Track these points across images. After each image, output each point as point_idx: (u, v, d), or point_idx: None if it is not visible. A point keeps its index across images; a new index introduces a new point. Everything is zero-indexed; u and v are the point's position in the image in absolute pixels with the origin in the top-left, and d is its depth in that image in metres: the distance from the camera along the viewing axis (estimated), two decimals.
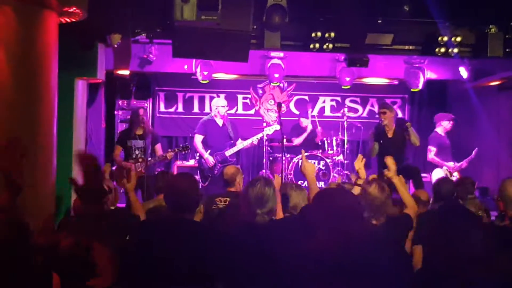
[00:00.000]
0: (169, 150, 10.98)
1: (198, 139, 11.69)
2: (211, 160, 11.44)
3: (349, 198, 3.88)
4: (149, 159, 10.53)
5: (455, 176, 11.71)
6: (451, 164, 11.93)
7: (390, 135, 10.77)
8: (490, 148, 12.55)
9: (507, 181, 6.16)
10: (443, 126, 12.15)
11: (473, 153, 11.80)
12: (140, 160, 10.43)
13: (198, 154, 11.94)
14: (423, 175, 11.93)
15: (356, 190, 6.16)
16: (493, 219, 7.47)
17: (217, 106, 11.76)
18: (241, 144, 11.77)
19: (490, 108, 12.60)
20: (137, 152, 10.51)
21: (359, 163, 6.57)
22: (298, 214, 5.55)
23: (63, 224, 6.64)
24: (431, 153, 12.07)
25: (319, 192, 4.24)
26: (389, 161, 6.42)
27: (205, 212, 7.68)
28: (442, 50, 10.02)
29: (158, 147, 10.80)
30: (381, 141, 10.68)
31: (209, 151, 11.48)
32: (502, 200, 5.91)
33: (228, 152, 11.56)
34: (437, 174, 11.91)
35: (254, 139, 11.97)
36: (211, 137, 11.67)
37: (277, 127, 12.17)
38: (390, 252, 4.97)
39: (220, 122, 11.70)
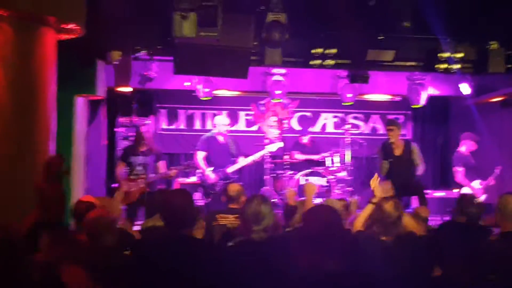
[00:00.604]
0: (172, 167, 10.90)
1: (200, 155, 11.58)
2: (212, 176, 11.33)
3: (332, 216, 3.87)
4: (150, 175, 10.46)
5: (483, 197, 11.62)
6: (476, 183, 11.79)
7: (397, 153, 10.68)
8: (493, 164, 12.46)
9: (507, 196, 6.13)
10: (466, 146, 11.94)
11: (498, 170, 11.66)
12: (142, 176, 10.37)
13: (199, 170, 11.91)
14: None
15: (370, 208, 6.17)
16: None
17: (220, 124, 11.67)
18: (243, 161, 11.67)
19: (492, 124, 12.54)
20: (138, 168, 10.45)
21: (374, 182, 6.58)
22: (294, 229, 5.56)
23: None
24: (459, 174, 11.83)
25: (308, 209, 4.26)
26: (376, 186, 6.47)
27: (206, 229, 7.67)
28: (444, 66, 9.99)
29: (161, 164, 10.74)
30: (390, 160, 10.60)
31: (212, 168, 11.43)
32: (501, 215, 5.88)
33: (230, 169, 11.45)
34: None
35: (257, 156, 11.90)
36: (213, 154, 11.57)
37: (280, 144, 12.15)
38: (399, 267, 5.00)
39: (221, 139, 11.61)
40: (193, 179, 12.96)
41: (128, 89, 11.29)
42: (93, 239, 5.28)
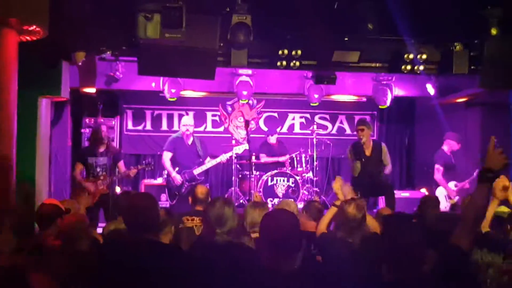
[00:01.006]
0: (132, 167, 10.82)
1: (167, 156, 11.58)
2: (178, 178, 11.34)
3: (291, 221, 3.87)
4: (113, 176, 10.38)
5: (455, 199, 11.74)
6: (452, 184, 11.95)
7: (367, 153, 10.76)
8: (459, 164, 12.55)
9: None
10: (449, 146, 12.11)
11: (475, 173, 11.75)
12: (101, 177, 10.27)
13: (166, 172, 11.85)
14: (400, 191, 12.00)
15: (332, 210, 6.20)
16: None
17: (186, 124, 11.64)
18: (209, 163, 11.66)
19: (458, 124, 12.65)
20: (98, 169, 10.33)
21: (337, 185, 6.60)
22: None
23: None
24: (439, 173, 12.02)
25: (265, 214, 4.26)
26: (340, 191, 6.50)
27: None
28: (408, 67, 10.02)
29: (121, 164, 10.63)
30: (362, 160, 10.67)
31: (177, 169, 11.38)
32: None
33: (197, 171, 11.45)
34: (438, 193, 11.94)
35: (223, 158, 11.88)
36: (179, 155, 11.56)
37: (246, 146, 12.13)
38: (364, 269, 5.01)
39: (189, 140, 11.58)
40: (159, 180, 12.92)
41: (93, 89, 11.21)
42: (69, 244, 5.24)
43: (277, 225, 3.79)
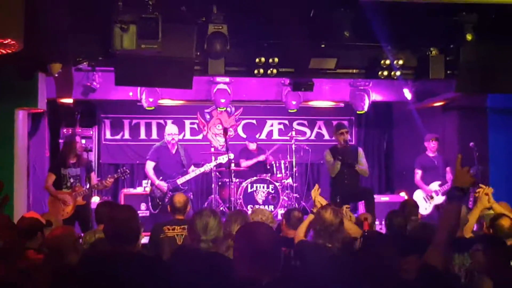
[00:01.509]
0: (109, 176, 10.76)
1: (150, 165, 11.51)
2: (163, 185, 11.29)
3: (268, 234, 3.87)
4: (87, 187, 10.31)
5: (437, 199, 11.83)
6: (434, 185, 11.99)
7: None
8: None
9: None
10: (428, 147, 12.21)
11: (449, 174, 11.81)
12: (76, 188, 10.20)
13: (149, 181, 11.80)
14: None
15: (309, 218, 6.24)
16: None
17: (171, 133, 11.56)
18: (193, 173, 11.59)
19: (435, 128, 12.72)
20: (72, 180, 10.26)
21: (315, 192, 6.64)
22: None
23: None
24: (417, 176, 12.19)
25: (241, 227, 4.28)
26: (319, 198, 6.54)
27: (153, 241, 7.64)
28: (385, 73, 10.05)
29: (93, 175, 10.58)
30: (341, 159, 10.71)
31: (160, 177, 11.34)
32: None
33: (180, 180, 11.39)
34: (416, 196, 12.10)
35: (207, 168, 11.84)
36: (163, 164, 11.51)
37: (231, 155, 12.14)
38: (346, 274, 5.05)
39: (173, 149, 11.54)
40: (139, 189, 12.84)
41: (70, 100, 11.15)
42: (56, 257, 5.21)
43: (253, 241, 3.78)
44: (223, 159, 12.18)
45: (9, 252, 5.38)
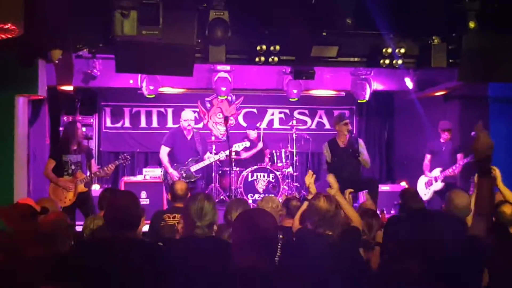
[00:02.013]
0: (111, 164, 10.69)
1: (164, 151, 11.35)
2: (175, 174, 11.11)
3: (268, 221, 3.85)
4: (89, 175, 10.25)
5: (436, 185, 11.81)
6: (436, 171, 11.96)
7: (343, 145, 10.77)
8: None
9: (453, 192, 6.25)
10: (441, 135, 12.12)
11: (461, 161, 11.71)
12: (78, 175, 10.14)
13: (162, 169, 11.74)
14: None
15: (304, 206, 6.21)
16: None
17: (187, 119, 11.40)
18: (207, 160, 11.48)
19: (436, 117, 12.65)
20: (73, 167, 10.20)
21: (309, 179, 6.60)
22: None
23: None
24: (426, 159, 12.19)
25: (240, 213, 4.26)
26: (331, 179, 6.46)
27: (153, 229, 7.61)
28: (387, 61, 10.00)
29: (93, 162, 10.51)
30: (338, 156, 10.66)
31: (174, 164, 11.22)
32: (447, 210, 6.01)
33: (194, 168, 11.25)
34: (420, 182, 12.17)
35: (222, 156, 11.73)
36: (178, 150, 11.36)
37: (247, 144, 12.12)
38: (346, 260, 5.04)
39: (189, 135, 11.40)
40: (139, 177, 12.81)
41: (70, 87, 11.11)
42: (48, 244, 5.19)
43: (252, 227, 3.76)
44: (238, 146, 12.23)
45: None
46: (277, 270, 3.76)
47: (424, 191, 11.82)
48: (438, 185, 11.74)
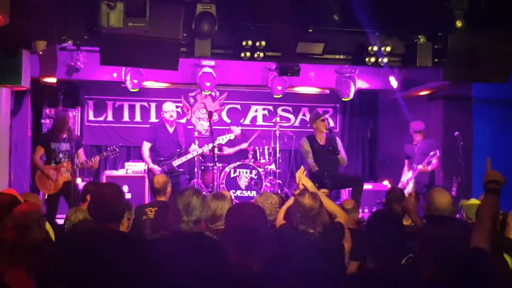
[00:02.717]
0: (97, 155, 10.67)
1: (146, 146, 11.34)
2: (156, 169, 11.06)
3: (256, 214, 3.84)
4: (76, 164, 10.21)
5: (408, 188, 11.77)
6: (408, 174, 12.05)
7: (322, 143, 10.80)
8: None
9: (434, 191, 6.29)
10: (413, 137, 12.16)
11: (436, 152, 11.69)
12: (65, 164, 10.11)
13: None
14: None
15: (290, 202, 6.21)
16: None
17: (168, 110, 11.38)
18: (189, 154, 11.43)
19: (420, 117, 12.70)
20: (61, 155, 10.17)
21: (300, 174, 6.61)
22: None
23: None
24: (405, 164, 12.26)
25: (230, 208, 4.26)
26: (303, 178, 6.51)
27: (134, 223, 7.57)
28: (372, 59, 10.03)
29: (81, 152, 10.48)
30: (317, 150, 10.68)
31: (160, 159, 11.19)
32: (428, 209, 6.04)
33: (176, 162, 11.21)
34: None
35: (206, 148, 11.71)
36: (159, 145, 11.33)
37: (232, 136, 12.11)
38: (328, 259, 5.05)
39: (170, 128, 11.35)
40: (121, 171, 12.77)
41: (54, 79, 11.05)
42: (21, 234, 5.17)
43: (244, 220, 3.75)
44: (222, 139, 12.19)
45: None
46: (269, 269, 3.75)
47: None
48: (410, 187, 11.75)
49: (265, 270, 3.68)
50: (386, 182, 13.28)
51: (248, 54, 9.81)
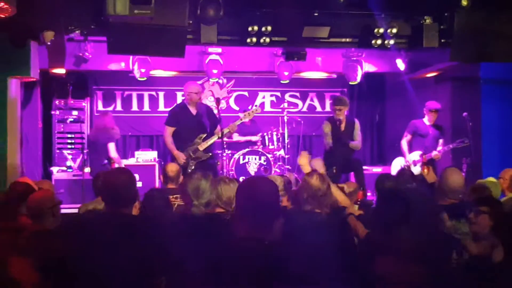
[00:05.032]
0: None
1: (168, 132, 10.45)
2: (182, 156, 10.24)
3: (268, 186, 3.85)
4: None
5: (414, 170, 11.43)
6: (415, 154, 11.70)
7: (342, 128, 10.75)
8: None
9: (448, 170, 6.29)
10: (427, 115, 11.68)
11: (451, 146, 11.50)
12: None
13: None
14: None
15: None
16: None
17: (189, 92, 10.61)
18: (215, 136, 10.46)
19: (428, 99, 12.68)
20: None
21: (303, 159, 6.63)
22: None
23: None
24: (403, 139, 11.86)
25: (241, 182, 4.27)
26: (318, 162, 6.54)
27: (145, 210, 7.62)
28: (379, 42, 10.05)
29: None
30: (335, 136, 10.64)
31: (185, 144, 10.42)
32: (440, 189, 6.04)
33: (202, 146, 10.36)
34: (396, 163, 12.00)
35: (226, 131, 10.66)
36: (183, 128, 10.44)
37: (258, 109, 11.82)
38: (334, 238, 5.07)
39: (193, 110, 10.56)
40: (131, 160, 12.77)
41: (62, 70, 11.11)
42: (36, 221, 5.22)
43: (256, 192, 3.76)
44: (245, 116, 11.37)
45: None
46: (280, 243, 3.76)
47: None
48: (417, 170, 11.20)
49: (277, 243, 3.70)
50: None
51: (254, 39, 9.84)
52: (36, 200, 5.46)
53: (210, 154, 10.53)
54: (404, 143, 11.89)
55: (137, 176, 11.46)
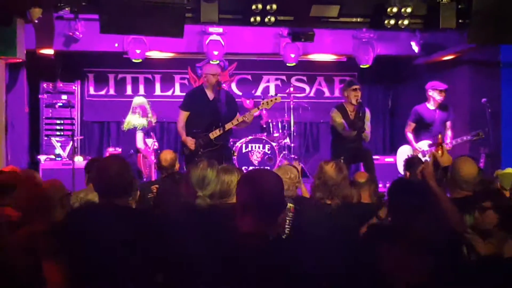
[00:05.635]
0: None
1: (182, 116, 10.23)
2: (189, 143, 10.01)
3: (271, 180, 3.84)
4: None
5: (426, 158, 11.24)
6: (424, 144, 11.52)
7: (352, 117, 10.63)
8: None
9: (460, 160, 6.25)
10: (432, 98, 11.44)
11: (466, 137, 11.26)
12: None
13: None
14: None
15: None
16: None
17: (206, 73, 10.31)
18: (229, 124, 10.09)
19: (445, 83, 12.68)
20: None
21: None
22: None
23: None
24: (408, 128, 11.68)
25: (244, 173, 4.26)
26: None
27: (141, 201, 7.63)
28: (392, 22, 9.99)
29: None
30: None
31: (197, 130, 10.15)
32: (452, 180, 6.01)
33: (213, 135, 10.03)
34: (402, 152, 11.77)
35: (248, 116, 10.21)
36: (196, 114, 10.21)
37: (279, 99, 11.46)
38: (339, 233, 5.08)
39: (210, 95, 10.26)
40: None
41: (51, 51, 11.06)
42: (42, 212, 5.21)
43: (263, 187, 3.75)
44: (267, 103, 10.68)
45: None
46: (285, 239, 3.77)
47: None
48: (425, 159, 10.86)
49: (281, 239, 3.70)
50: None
51: (258, 18, 9.79)
52: (43, 191, 5.45)
53: (221, 143, 10.22)
54: (409, 133, 11.72)
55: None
